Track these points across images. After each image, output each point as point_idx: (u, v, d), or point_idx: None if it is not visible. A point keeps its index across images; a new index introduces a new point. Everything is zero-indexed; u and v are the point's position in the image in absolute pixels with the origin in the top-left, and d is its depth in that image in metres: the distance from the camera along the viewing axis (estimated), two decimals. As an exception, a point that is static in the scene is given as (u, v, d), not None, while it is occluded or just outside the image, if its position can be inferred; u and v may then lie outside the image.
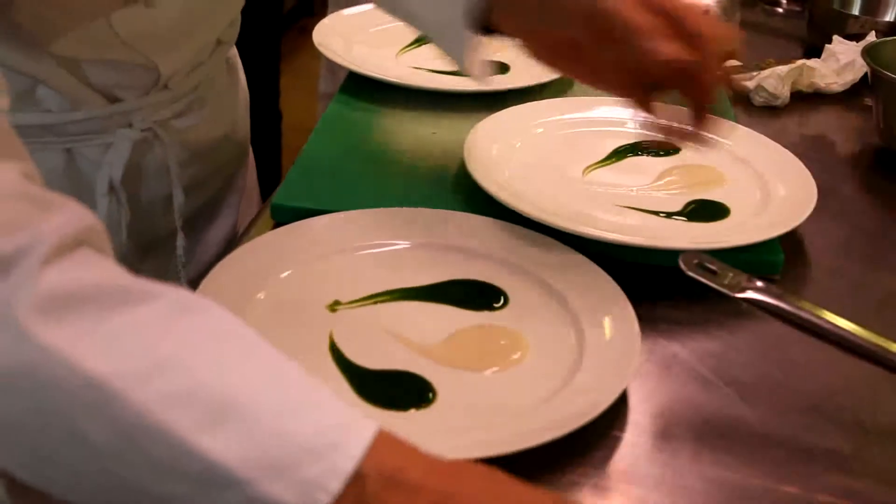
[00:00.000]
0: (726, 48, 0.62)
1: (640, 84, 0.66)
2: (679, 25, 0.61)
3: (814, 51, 1.19)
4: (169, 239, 0.83)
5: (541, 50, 0.70)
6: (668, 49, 0.59)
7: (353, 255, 0.73)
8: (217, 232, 0.91)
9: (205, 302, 0.41)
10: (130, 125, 0.75)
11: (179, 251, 0.83)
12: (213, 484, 0.36)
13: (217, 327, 0.40)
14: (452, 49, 0.73)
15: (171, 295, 0.41)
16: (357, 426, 0.39)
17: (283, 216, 0.78)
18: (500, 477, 0.40)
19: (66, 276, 0.38)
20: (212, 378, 0.37)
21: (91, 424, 0.36)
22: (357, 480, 0.36)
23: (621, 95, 0.69)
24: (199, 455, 0.36)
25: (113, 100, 0.73)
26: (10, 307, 0.37)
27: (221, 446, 0.36)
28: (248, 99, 0.95)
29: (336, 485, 0.36)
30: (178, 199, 0.81)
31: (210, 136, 0.85)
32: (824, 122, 1.09)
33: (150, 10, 0.69)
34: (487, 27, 0.70)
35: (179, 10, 0.72)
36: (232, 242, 0.88)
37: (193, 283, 0.68)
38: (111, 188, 0.75)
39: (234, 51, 0.90)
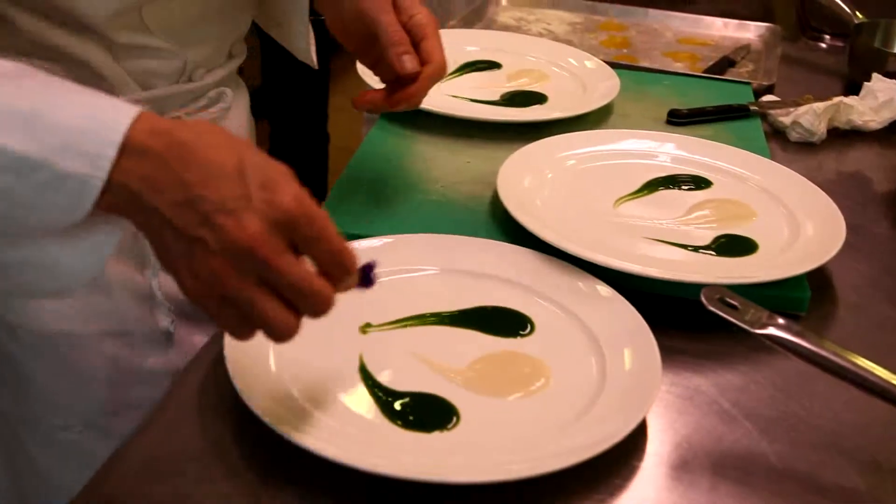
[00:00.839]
0: (438, 70, 0.81)
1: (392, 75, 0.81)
2: (417, 42, 0.80)
3: (854, 87, 1.19)
4: None
5: (339, 33, 0.84)
6: (411, 64, 0.78)
7: (386, 279, 0.75)
8: None
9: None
10: (162, 114, 0.79)
11: None
12: (24, 171, 0.49)
13: (14, 68, 0.52)
14: (297, 35, 0.88)
15: None
16: (124, 111, 0.51)
17: (320, 239, 0.80)
18: (215, 144, 0.52)
19: None
20: (12, 99, 0.50)
21: None
22: (126, 150, 0.50)
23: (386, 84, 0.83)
24: (7, 152, 0.49)
25: (146, 87, 0.78)
26: None
27: (22, 142, 0.49)
28: (254, 127, 0.99)
29: (112, 152, 0.49)
30: None
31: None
32: (861, 159, 1.09)
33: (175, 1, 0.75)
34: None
35: (192, 5, 0.78)
36: None
37: None
38: None
39: (241, 79, 0.95)
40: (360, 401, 0.63)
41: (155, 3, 0.75)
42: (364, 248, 0.78)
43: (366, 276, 0.59)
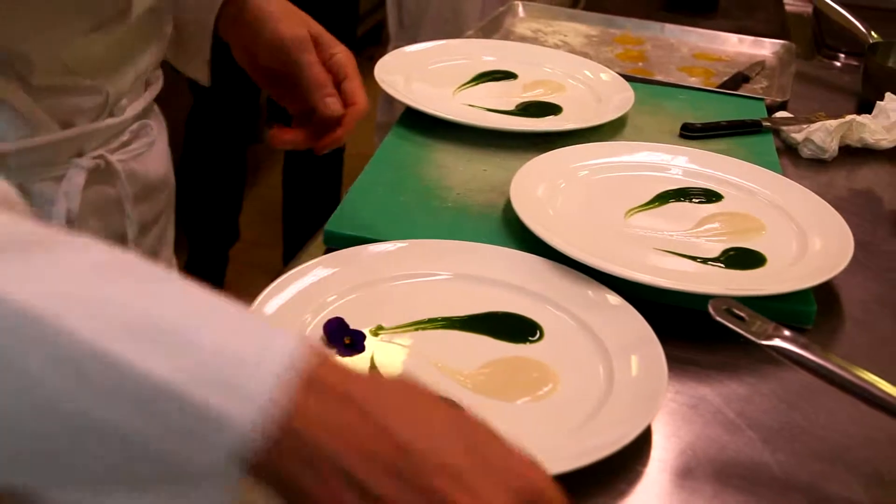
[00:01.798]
0: (362, 111, 0.80)
1: (309, 115, 0.81)
2: (339, 81, 0.80)
3: (867, 106, 1.20)
4: None
5: (247, 64, 0.84)
6: (336, 107, 0.78)
7: (399, 282, 0.77)
8: None
9: (114, 250, 0.42)
10: (81, 154, 0.75)
11: None
12: (157, 401, 0.37)
13: (137, 265, 0.41)
14: (196, 51, 0.86)
15: (89, 241, 0.42)
16: (284, 338, 0.39)
17: (335, 242, 0.82)
18: (414, 389, 0.42)
19: None
20: (146, 308, 0.38)
21: (30, 357, 0.36)
22: (292, 388, 0.38)
23: (295, 121, 0.83)
24: (146, 377, 0.36)
25: (65, 126, 0.73)
26: None
27: (165, 367, 0.37)
28: (170, 158, 0.92)
29: (270, 394, 0.37)
30: (132, 234, 0.81)
31: (154, 171, 0.85)
32: (872, 177, 1.10)
33: (94, 35, 0.71)
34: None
35: (111, 38, 0.73)
36: None
37: None
38: (69, 221, 0.74)
39: (158, 109, 0.89)
40: (370, 400, 0.65)
41: (75, 42, 0.70)
42: (378, 252, 0.79)
43: (358, 343, 0.68)
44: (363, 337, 0.69)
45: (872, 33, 1.36)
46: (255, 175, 2.85)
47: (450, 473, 0.38)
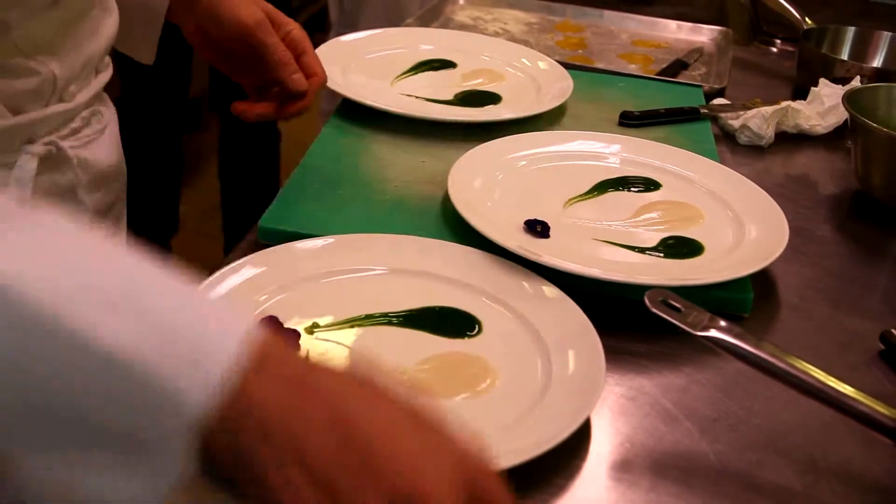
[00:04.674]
0: (322, 82, 0.89)
1: (267, 92, 0.89)
2: (297, 56, 0.86)
3: (802, 92, 1.21)
4: None
5: (207, 48, 0.89)
6: (303, 83, 0.86)
7: (334, 279, 0.75)
8: None
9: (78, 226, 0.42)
10: (32, 141, 0.75)
11: None
12: (117, 373, 0.37)
13: (94, 241, 0.42)
14: (145, 36, 0.90)
15: (55, 215, 0.42)
16: (242, 318, 0.41)
17: (271, 238, 0.80)
18: (366, 379, 0.44)
19: None
20: (106, 276, 0.39)
21: None
22: (250, 366, 0.39)
23: (251, 94, 0.90)
24: (99, 345, 0.37)
25: (16, 112, 0.73)
26: None
27: (130, 338, 0.37)
28: (121, 145, 0.92)
29: (229, 370, 0.38)
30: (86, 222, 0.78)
31: (106, 159, 0.85)
32: (807, 163, 1.11)
33: (47, 13, 0.71)
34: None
35: (63, 16, 0.74)
36: None
37: None
38: None
39: (108, 98, 0.89)
40: (305, 401, 0.63)
41: (28, 20, 0.70)
42: (308, 248, 0.77)
43: (292, 342, 0.67)
44: (298, 336, 0.68)
45: (807, 19, 1.37)
46: (196, 165, 2.80)
47: (399, 466, 0.40)
